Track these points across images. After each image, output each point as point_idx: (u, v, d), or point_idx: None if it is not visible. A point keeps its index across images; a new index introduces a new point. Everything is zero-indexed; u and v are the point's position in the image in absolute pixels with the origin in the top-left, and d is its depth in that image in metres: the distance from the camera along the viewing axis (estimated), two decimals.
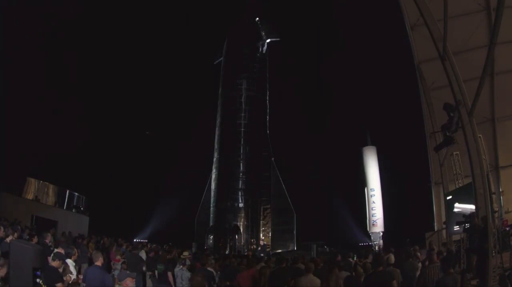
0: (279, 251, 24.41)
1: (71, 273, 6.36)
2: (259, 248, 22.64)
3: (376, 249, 23.76)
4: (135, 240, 24.17)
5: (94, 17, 28.42)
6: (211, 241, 24.38)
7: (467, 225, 10.13)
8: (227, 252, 21.84)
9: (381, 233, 26.07)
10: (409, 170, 24.16)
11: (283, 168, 26.50)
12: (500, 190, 15.75)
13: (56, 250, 6.78)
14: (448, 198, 14.85)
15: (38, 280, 4.80)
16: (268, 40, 28.25)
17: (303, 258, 9.63)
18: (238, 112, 26.05)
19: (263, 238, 25.35)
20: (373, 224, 26.27)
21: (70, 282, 6.09)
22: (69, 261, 6.64)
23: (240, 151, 25.63)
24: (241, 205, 24.91)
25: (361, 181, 27.52)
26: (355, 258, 10.79)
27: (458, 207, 13.06)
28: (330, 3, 30.49)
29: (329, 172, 28.19)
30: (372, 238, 26.51)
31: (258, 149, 25.99)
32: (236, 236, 23.98)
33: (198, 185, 27.81)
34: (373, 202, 26.55)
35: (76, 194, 23.39)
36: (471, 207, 10.84)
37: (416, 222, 20.68)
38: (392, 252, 9.54)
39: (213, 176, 26.33)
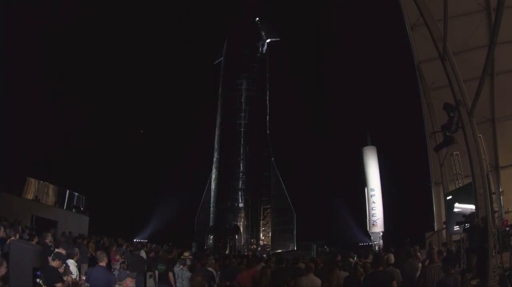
0: (279, 251, 24.42)
1: (71, 273, 6.34)
2: (259, 248, 22.66)
3: (376, 249, 23.75)
4: (135, 240, 24.16)
5: (94, 18, 28.44)
6: (211, 241, 24.38)
7: (467, 225, 10.13)
8: (227, 252, 21.84)
9: (381, 233, 26.05)
10: (409, 170, 24.14)
11: (283, 168, 26.55)
12: (500, 190, 15.73)
13: (56, 250, 6.76)
14: (448, 198, 14.84)
15: (38, 280, 4.81)
16: (268, 40, 28.27)
17: (303, 258, 9.64)
18: (238, 112, 26.07)
19: (263, 238, 25.36)
20: (373, 224, 26.26)
21: (70, 282, 6.09)
22: (71, 262, 6.63)
23: (240, 151, 25.65)
24: (241, 205, 24.92)
25: (361, 181, 27.50)
26: (355, 258, 10.79)
27: (458, 207, 13.05)
28: (330, 3, 30.51)
29: (329, 172, 28.19)
30: (372, 238, 26.50)
31: (258, 149, 26.00)
32: (236, 236, 23.98)
33: (198, 185, 27.85)
34: (373, 202, 26.54)
35: (76, 194, 23.35)
36: (471, 207, 10.83)
37: (416, 222, 20.66)
38: (392, 252, 9.53)
39: (213, 176, 26.34)
